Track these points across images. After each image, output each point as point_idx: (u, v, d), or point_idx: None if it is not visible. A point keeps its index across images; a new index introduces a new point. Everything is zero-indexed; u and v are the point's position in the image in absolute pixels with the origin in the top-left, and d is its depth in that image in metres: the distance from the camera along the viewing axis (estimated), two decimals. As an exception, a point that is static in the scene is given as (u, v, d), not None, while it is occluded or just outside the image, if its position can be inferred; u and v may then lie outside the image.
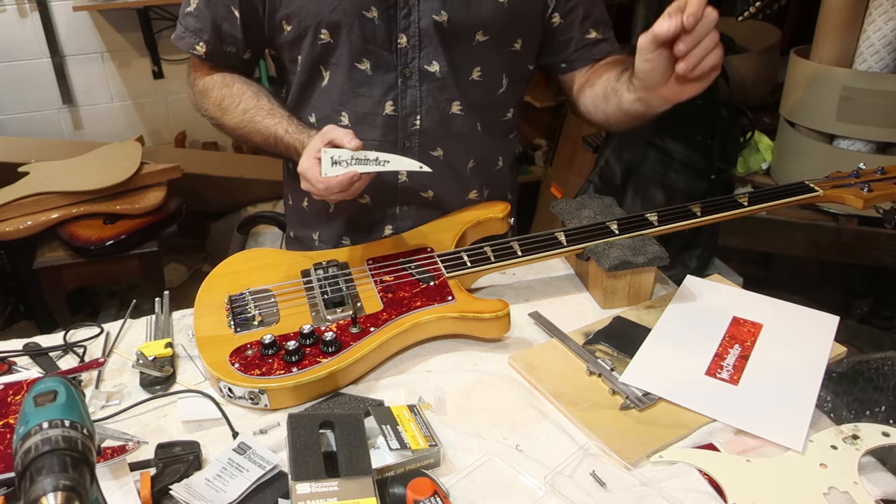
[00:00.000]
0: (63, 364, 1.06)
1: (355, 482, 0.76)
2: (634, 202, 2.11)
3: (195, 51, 1.22)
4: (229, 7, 1.18)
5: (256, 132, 1.21)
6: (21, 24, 2.87)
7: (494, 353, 1.06)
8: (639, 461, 0.86)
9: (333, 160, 1.04)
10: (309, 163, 1.07)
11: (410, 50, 1.15)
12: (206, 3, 1.19)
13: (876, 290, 2.32)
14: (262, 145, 1.22)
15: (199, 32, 1.21)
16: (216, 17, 1.19)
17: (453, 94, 1.20)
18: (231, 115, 1.23)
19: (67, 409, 0.65)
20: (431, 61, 1.16)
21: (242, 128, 1.22)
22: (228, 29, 1.20)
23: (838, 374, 0.99)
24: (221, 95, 1.23)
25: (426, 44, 1.15)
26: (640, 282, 1.14)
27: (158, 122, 3.21)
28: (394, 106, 1.19)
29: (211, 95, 1.25)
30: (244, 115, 1.21)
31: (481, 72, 1.21)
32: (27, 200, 2.32)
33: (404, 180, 1.25)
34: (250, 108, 1.21)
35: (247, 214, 2.76)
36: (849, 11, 1.90)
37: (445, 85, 1.19)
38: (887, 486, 0.82)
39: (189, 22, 1.21)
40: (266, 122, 1.19)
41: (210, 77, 1.25)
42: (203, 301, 1.10)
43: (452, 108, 1.21)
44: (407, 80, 1.18)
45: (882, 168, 1.26)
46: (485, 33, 1.17)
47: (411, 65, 1.17)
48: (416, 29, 1.14)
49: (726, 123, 2.12)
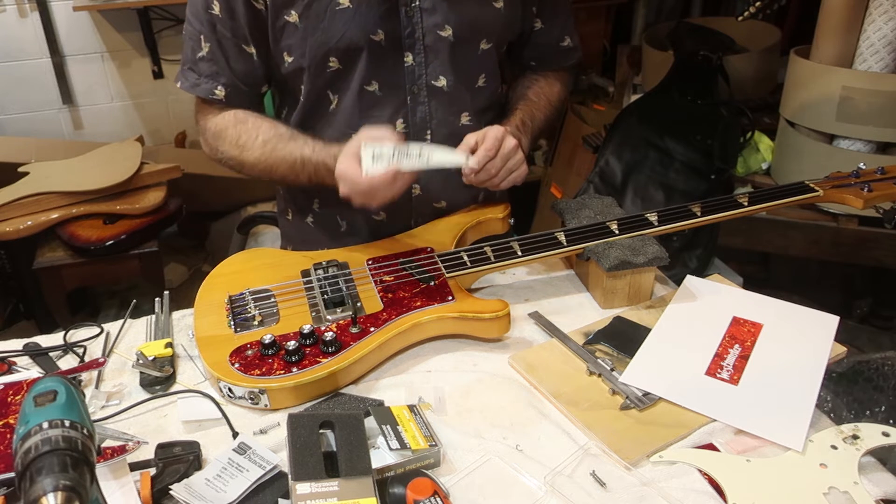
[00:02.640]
0: (63, 364, 1.06)
1: (355, 482, 0.76)
2: (634, 202, 2.11)
3: (214, 95, 1.18)
4: (240, 46, 1.14)
5: (281, 160, 1.16)
6: (21, 24, 2.87)
7: (494, 353, 1.06)
8: (639, 461, 0.86)
9: (375, 155, 1.00)
10: (347, 163, 1.04)
11: (417, 67, 1.16)
12: (218, 46, 1.15)
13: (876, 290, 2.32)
14: (289, 173, 1.17)
15: (215, 76, 1.17)
16: (229, 58, 1.16)
17: (462, 106, 1.21)
18: (251, 150, 1.18)
19: (67, 409, 0.65)
20: (439, 76, 1.17)
21: (265, 160, 1.17)
22: (244, 67, 1.17)
23: (838, 374, 0.99)
24: (237, 133, 1.19)
25: (432, 59, 1.16)
26: (640, 282, 1.14)
27: (158, 122, 3.21)
28: (404, 123, 1.19)
29: (226, 136, 1.19)
30: (265, 146, 1.17)
31: (486, 78, 1.23)
32: (27, 200, 2.32)
33: (418, 193, 1.25)
34: (270, 139, 1.17)
35: (247, 214, 2.76)
36: (849, 11, 1.90)
37: (454, 97, 1.20)
38: (887, 486, 0.82)
39: (203, 67, 1.17)
40: (290, 148, 1.16)
41: (220, 117, 1.20)
42: (203, 301, 1.10)
43: (462, 120, 1.22)
44: (416, 97, 1.18)
45: (882, 168, 1.26)
46: (488, 41, 1.19)
47: (419, 82, 1.17)
48: (421, 46, 1.14)
49: (726, 123, 2.12)
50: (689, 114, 2.19)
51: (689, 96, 2.24)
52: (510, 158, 1.13)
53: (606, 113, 2.71)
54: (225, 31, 1.13)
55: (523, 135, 1.23)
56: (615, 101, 2.90)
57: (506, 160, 1.12)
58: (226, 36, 1.14)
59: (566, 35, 1.32)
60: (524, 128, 1.25)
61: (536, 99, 1.31)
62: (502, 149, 1.11)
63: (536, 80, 1.34)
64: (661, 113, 2.23)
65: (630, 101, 2.60)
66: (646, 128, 2.19)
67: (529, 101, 1.30)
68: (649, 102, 2.32)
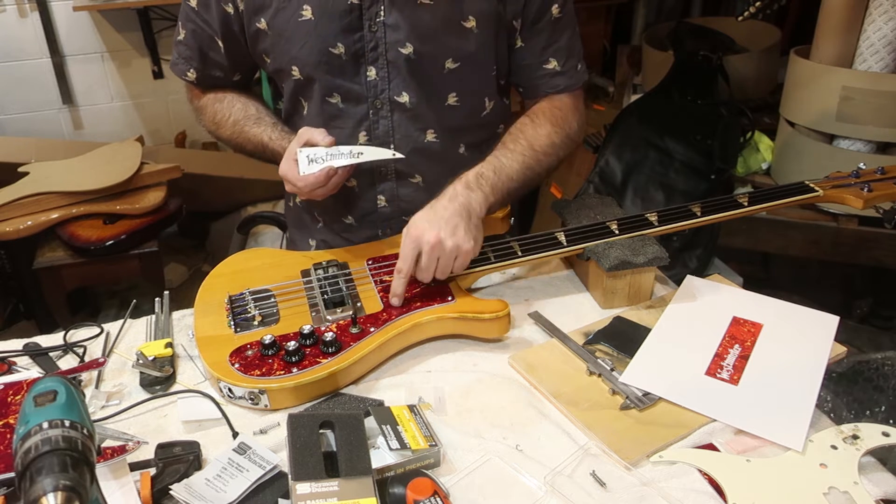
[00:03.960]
0: (63, 364, 1.06)
1: (355, 482, 0.76)
2: (634, 202, 2.11)
3: (186, 77, 1.28)
4: (213, 37, 1.21)
5: (247, 141, 1.25)
6: (21, 24, 2.87)
7: (494, 353, 1.06)
8: (639, 461, 0.86)
9: (310, 159, 1.10)
10: (287, 165, 1.11)
11: (380, 82, 1.15)
12: (192, 34, 1.22)
13: (876, 290, 2.32)
14: (254, 153, 1.27)
15: (188, 60, 1.26)
16: (202, 46, 1.23)
17: (426, 123, 1.20)
18: (224, 127, 1.27)
19: (67, 409, 0.65)
20: (401, 92, 1.16)
21: (235, 138, 1.27)
22: (214, 56, 1.24)
23: (838, 374, 0.99)
24: (214, 111, 1.28)
25: (394, 76, 1.15)
26: (640, 282, 1.14)
27: (158, 122, 3.21)
28: (367, 136, 1.20)
29: (206, 112, 1.30)
30: (234, 126, 1.26)
31: (458, 97, 1.19)
32: (27, 200, 2.32)
33: (384, 205, 1.26)
34: (239, 119, 1.26)
35: (247, 214, 2.76)
36: (849, 11, 1.90)
37: (417, 115, 1.18)
38: (887, 486, 0.82)
39: (181, 50, 1.26)
40: (254, 131, 1.24)
41: (205, 96, 1.30)
42: (203, 301, 1.10)
43: (427, 137, 1.21)
44: (378, 112, 1.18)
45: (882, 168, 1.26)
46: (455, 60, 1.15)
47: (381, 96, 1.16)
48: (384, 61, 1.14)
49: (726, 123, 2.12)
50: (689, 114, 2.19)
51: (689, 96, 2.24)
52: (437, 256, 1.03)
53: (606, 113, 2.71)
54: (199, 22, 1.20)
55: (475, 190, 1.09)
56: (615, 101, 2.90)
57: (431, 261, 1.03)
58: (199, 26, 1.21)
59: (550, 57, 1.21)
60: (477, 182, 1.10)
61: (513, 145, 1.19)
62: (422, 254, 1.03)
63: (521, 121, 1.23)
64: (661, 113, 2.23)
65: (630, 101, 2.60)
66: (646, 128, 2.19)
67: (503, 148, 1.18)
68: (649, 102, 2.32)
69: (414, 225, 1.04)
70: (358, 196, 1.25)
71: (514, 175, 1.15)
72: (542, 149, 1.20)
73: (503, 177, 1.14)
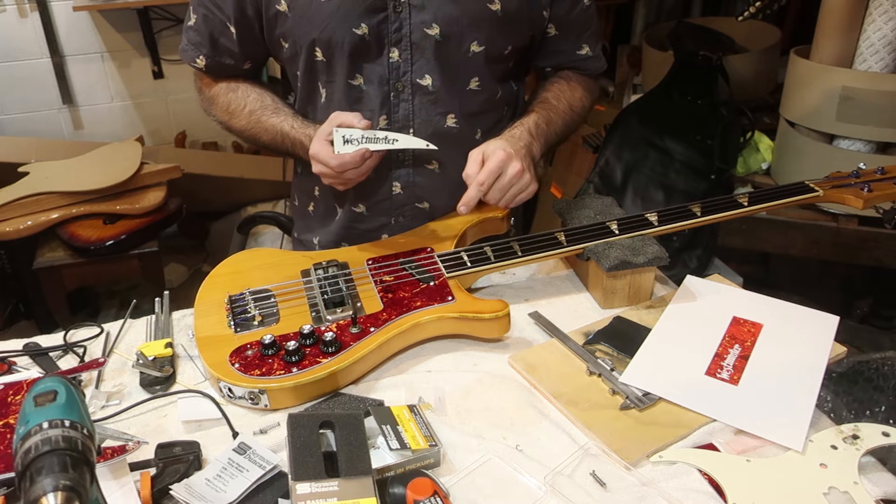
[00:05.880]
0: (63, 364, 1.06)
1: (355, 482, 0.76)
2: (634, 202, 2.11)
3: (196, 63, 1.26)
4: (225, 23, 1.20)
5: (264, 131, 1.24)
6: (21, 24, 2.87)
7: (494, 353, 1.06)
8: (639, 461, 0.86)
9: (345, 139, 1.09)
10: (320, 145, 1.11)
11: (403, 64, 1.15)
12: (203, 19, 1.21)
13: (876, 290, 2.33)
14: (270, 144, 1.25)
15: (198, 46, 1.24)
16: (213, 32, 1.22)
17: (448, 107, 1.20)
18: (238, 117, 1.26)
19: (67, 409, 0.65)
20: (424, 75, 1.16)
21: (250, 129, 1.25)
22: (226, 43, 1.22)
23: (838, 374, 0.99)
24: (227, 100, 1.27)
25: (418, 57, 1.15)
26: (640, 282, 1.14)
27: (158, 122, 3.21)
28: (387, 120, 1.19)
29: (218, 102, 1.28)
30: (250, 116, 1.25)
31: (480, 81, 1.20)
32: (27, 200, 2.32)
33: (399, 192, 1.25)
34: (256, 109, 1.24)
35: (247, 214, 2.76)
36: (849, 11, 1.90)
37: (439, 98, 1.18)
38: (887, 486, 0.82)
39: (190, 35, 1.25)
40: (272, 121, 1.23)
41: (217, 85, 1.29)
42: (203, 301, 1.10)
43: (447, 122, 1.21)
44: (399, 94, 1.17)
45: (882, 168, 1.26)
46: (479, 44, 1.16)
47: (403, 79, 1.16)
48: (407, 43, 1.14)
49: (726, 123, 2.12)
50: (689, 114, 2.19)
51: (689, 96, 2.24)
52: (513, 185, 1.11)
53: (606, 113, 2.71)
54: (211, 6, 1.19)
55: (535, 139, 1.19)
56: (615, 101, 2.90)
57: (510, 185, 1.11)
58: (211, 10, 1.20)
59: (584, 43, 1.28)
60: (537, 131, 1.21)
61: (556, 102, 1.27)
62: (504, 175, 1.10)
63: (558, 82, 1.30)
64: (661, 113, 2.23)
65: (630, 101, 2.60)
66: (646, 128, 2.19)
67: (548, 104, 1.26)
68: (649, 102, 2.32)
69: (500, 148, 1.10)
70: (373, 181, 1.23)
71: (558, 131, 1.25)
72: (578, 111, 1.29)
73: (551, 132, 1.24)
